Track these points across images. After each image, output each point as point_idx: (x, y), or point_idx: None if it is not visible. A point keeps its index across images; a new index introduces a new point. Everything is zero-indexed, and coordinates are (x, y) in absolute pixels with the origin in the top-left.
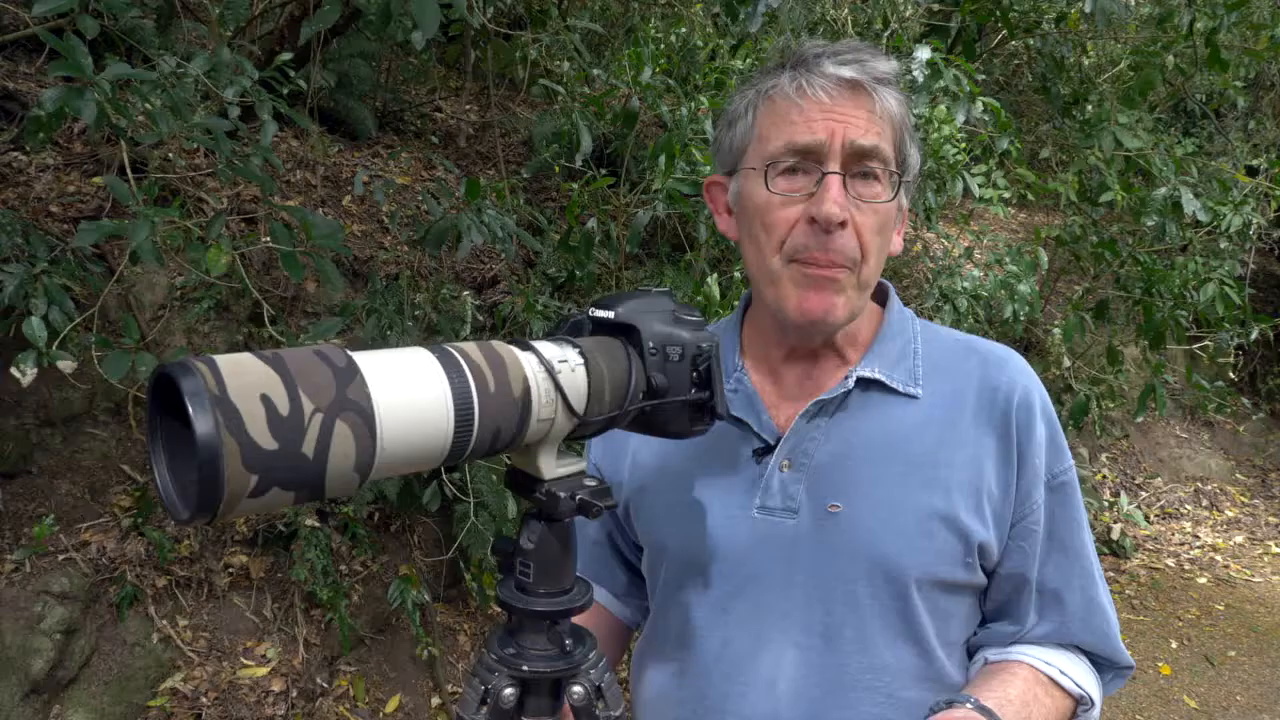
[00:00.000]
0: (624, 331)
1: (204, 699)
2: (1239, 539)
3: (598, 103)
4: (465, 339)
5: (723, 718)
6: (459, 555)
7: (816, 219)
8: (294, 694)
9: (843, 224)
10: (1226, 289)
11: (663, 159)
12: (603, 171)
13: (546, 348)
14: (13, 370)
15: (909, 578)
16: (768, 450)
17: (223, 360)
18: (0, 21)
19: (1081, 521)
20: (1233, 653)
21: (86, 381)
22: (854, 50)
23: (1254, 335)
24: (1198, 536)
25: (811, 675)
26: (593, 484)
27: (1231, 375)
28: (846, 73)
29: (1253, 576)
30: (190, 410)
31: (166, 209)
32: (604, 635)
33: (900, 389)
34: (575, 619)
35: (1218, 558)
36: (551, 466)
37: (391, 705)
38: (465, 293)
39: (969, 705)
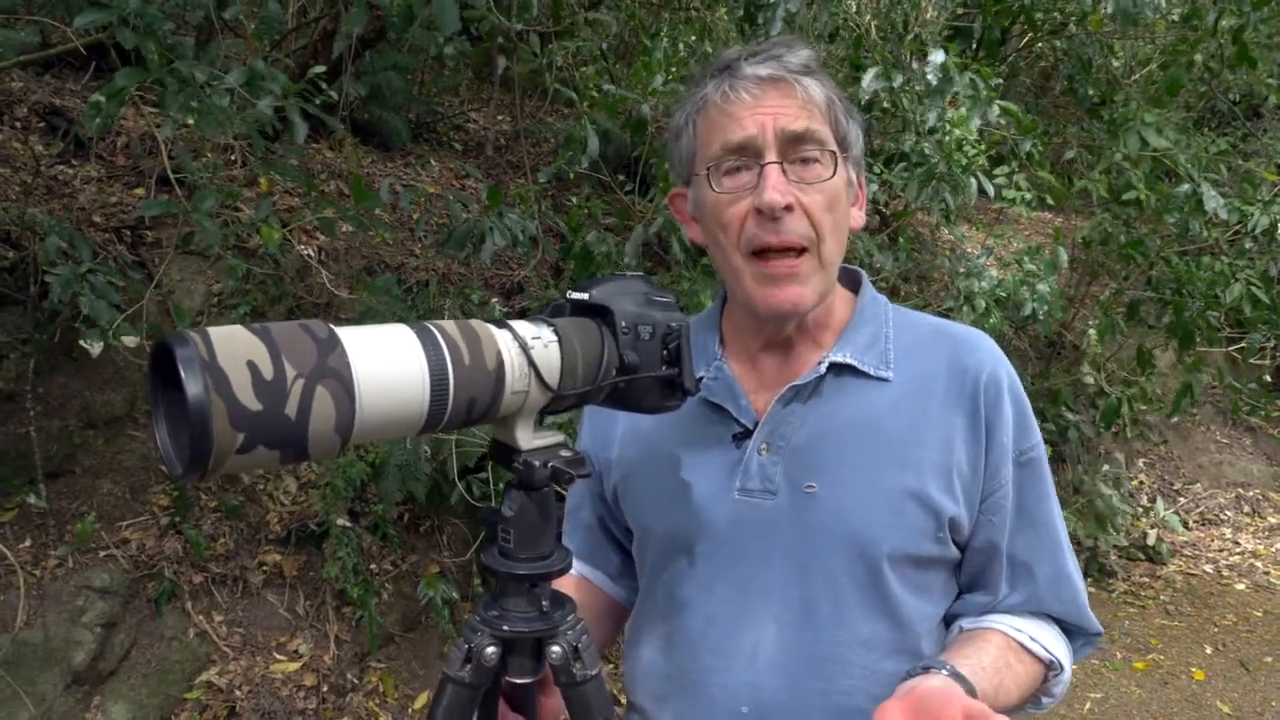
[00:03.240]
0: (599, 312)
1: (238, 692)
2: None
3: (613, 109)
4: None
5: (708, 689)
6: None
7: (761, 208)
8: (325, 689)
9: (789, 208)
10: (1254, 289)
11: (666, 169)
12: (620, 178)
13: (522, 326)
14: (82, 342)
15: (881, 553)
16: (746, 434)
17: (215, 331)
18: (48, 40)
19: (1049, 495)
20: (1269, 658)
21: (127, 385)
22: (769, 48)
23: None
24: (1238, 543)
25: (791, 648)
26: (567, 454)
27: (1267, 378)
28: (764, 70)
29: None
30: (182, 374)
31: (220, 191)
32: (600, 614)
33: (872, 373)
34: (558, 585)
35: (1258, 564)
36: (529, 438)
37: (420, 701)
38: (494, 299)
39: (944, 671)
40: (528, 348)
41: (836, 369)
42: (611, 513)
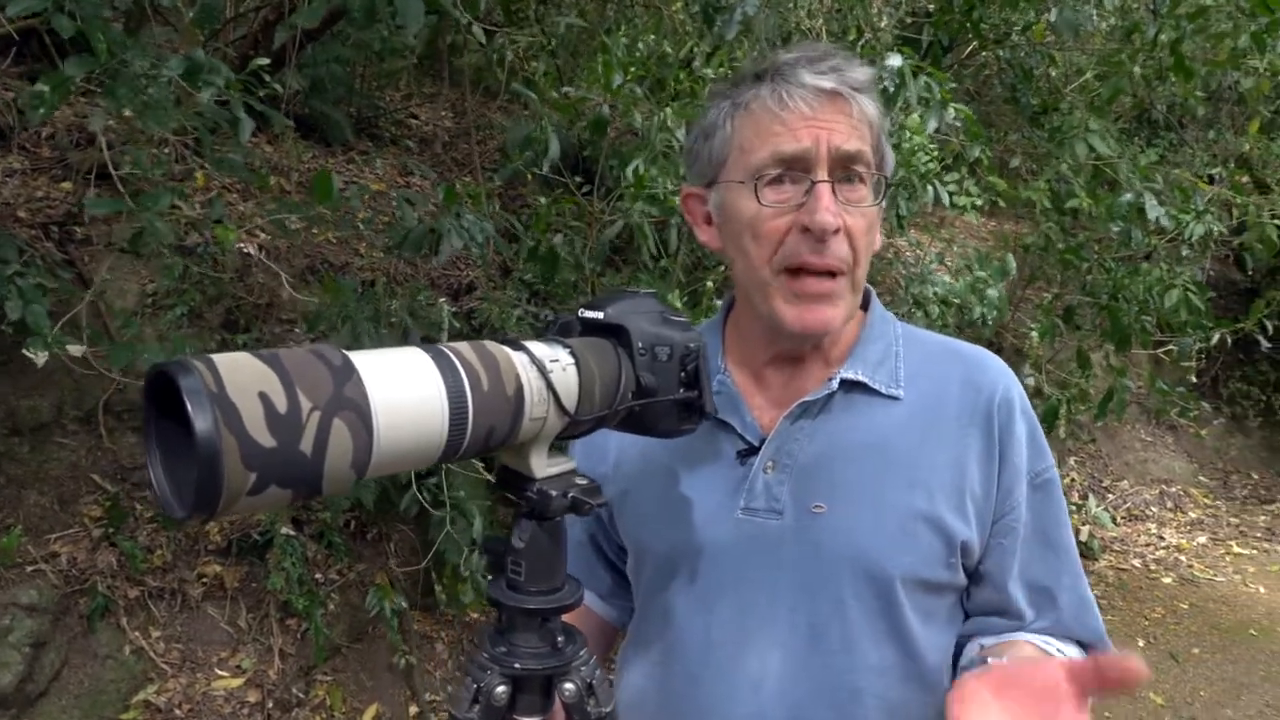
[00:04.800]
0: (613, 332)
1: (178, 711)
2: (1202, 540)
3: (569, 109)
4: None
5: (712, 716)
6: (435, 562)
7: (811, 228)
8: (270, 705)
9: (836, 231)
10: (1190, 295)
11: (631, 173)
12: (578, 179)
13: (538, 347)
14: (25, 353)
15: (893, 578)
16: (752, 451)
17: (220, 359)
18: None
19: (1065, 519)
20: (1197, 650)
21: (54, 390)
22: (829, 58)
23: (1215, 340)
24: (1163, 537)
25: (797, 675)
26: (583, 482)
27: (1193, 379)
28: (826, 83)
29: (1215, 576)
30: (189, 407)
31: (168, 191)
32: (590, 635)
33: (883, 390)
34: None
35: (1182, 558)
36: (543, 465)
37: (369, 714)
38: (441, 299)
39: (1003, 660)
40: (546, 371)
41: (847, 386)
42: (605, 530)
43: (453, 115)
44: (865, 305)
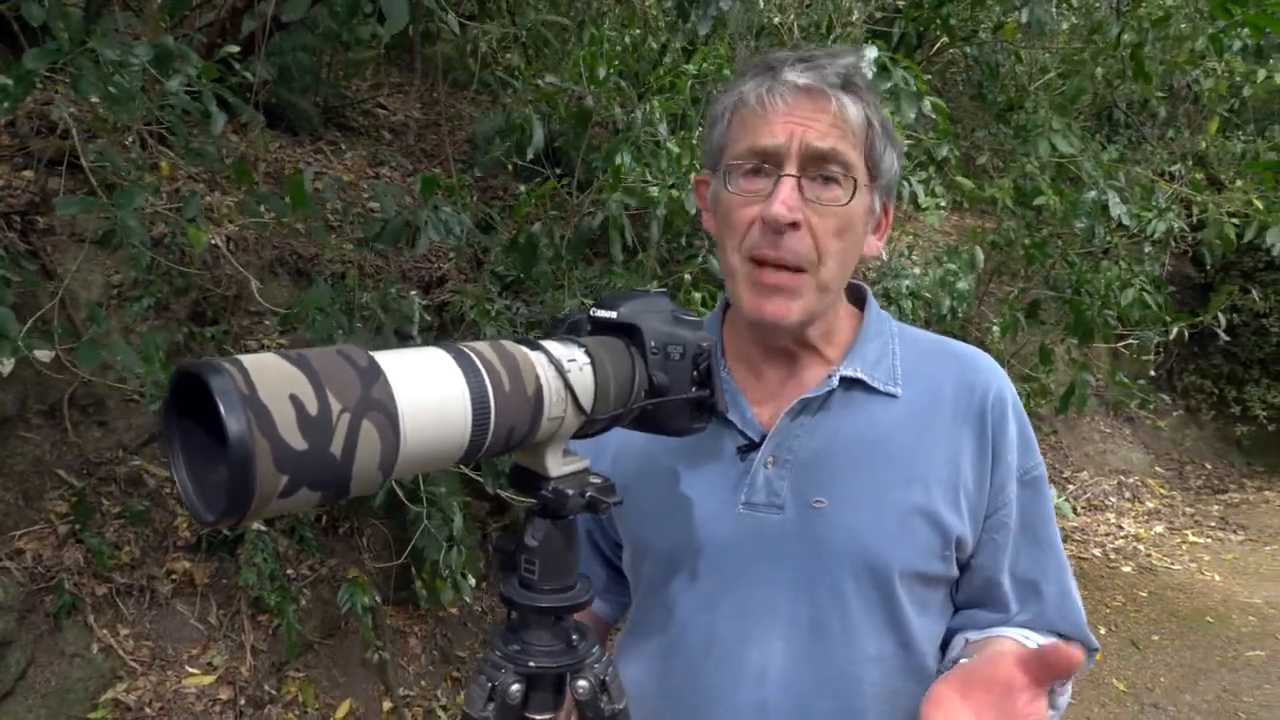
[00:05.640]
0: (626, 331)
1: (148, 709)
2: (1159, 529)
3: (550, 98)
4: (413, 340)
5: (714, 708)
6: (412, 559)
7: (765, 220)
8: (242, 702)
9: (794, 225)
10: (1145, 293)
11: (614, 165)
12: (557, 171)
13: (555, 347)
14: None
15: (892, 571)
16: (752, 447)
17: (247, 360)
18: None
19: (1051, 515)
20: (1156, 637)
21: (17, 383)
22: (814, 58)
23: (1173, 334)
24: (1121, 527)
25: (800, 666)
26: (598, 480)
27: (1152, 373)
28: (802, 79)
29: (1172, 564)
30: (222, 410)
31: (141, 190)
32: None
33: (881, 388)
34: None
35: (1140, 547)
36: (558, 464)
37: (342, 711)
38: (413, 292)
39: None
40: (564, 371)
41: (846, 383)
42: (601, 526)
43: (421, 106)
44: (862, 304)
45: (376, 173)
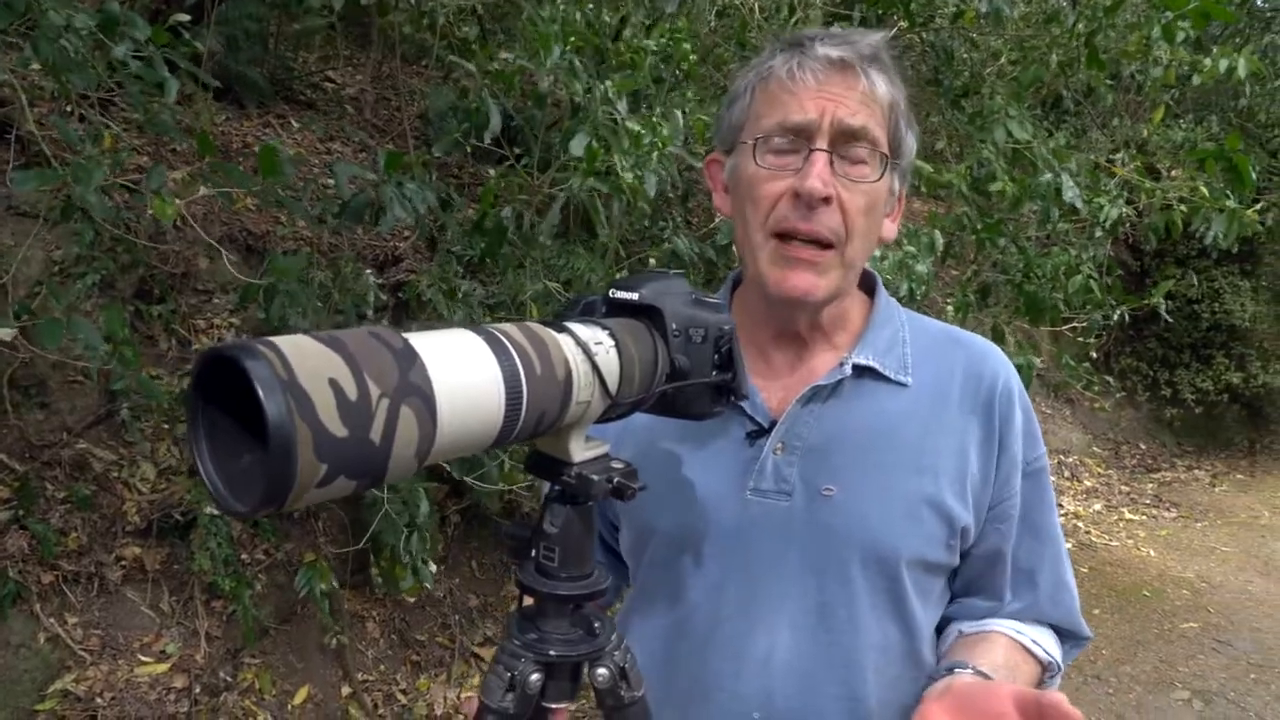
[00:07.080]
0: (647, 313)
1: (99, 700)
2: (1097, 507)
3: (506, 79)
4: (368, 319)
5: (718, 694)
6: (371, 543)
7: (800, 193)
8: (197, 690)
9: (826, 200)
10: (1092, 281)
11: (584, 149)
12: (517, 150)
13: (580, 329)
14: None
15: (900, 560)
16: (761, 433)
17: (282, 342)
18: None
19: (1052, 505)
20: (1097, 611)
21: None
22: (845, 33)
23: (1116, 317)
24: (1061, 505)
25: (806, 653)
26: (620, 465)
27: (1093, 355)
28: (834, 52)
29: (1110, 541)
30: (261, 396)
31: (101, 165)
32: None
33: (892, 376)
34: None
35: (1080, 524)
36: (580, 449)
37: (300, 696)
38: (367, 271)
39: (969, 671)
40: (591, 354)
41: (858, 371)
42: (601, 508)
43: (373, 80)
44: (872, 292)
45: (328, 148)
